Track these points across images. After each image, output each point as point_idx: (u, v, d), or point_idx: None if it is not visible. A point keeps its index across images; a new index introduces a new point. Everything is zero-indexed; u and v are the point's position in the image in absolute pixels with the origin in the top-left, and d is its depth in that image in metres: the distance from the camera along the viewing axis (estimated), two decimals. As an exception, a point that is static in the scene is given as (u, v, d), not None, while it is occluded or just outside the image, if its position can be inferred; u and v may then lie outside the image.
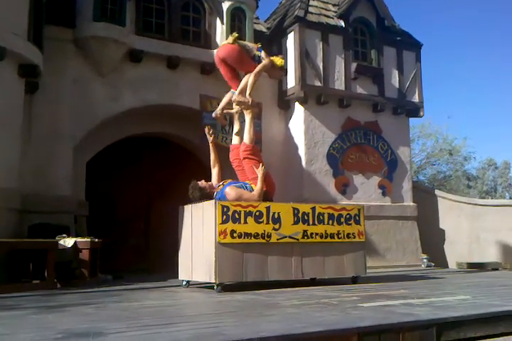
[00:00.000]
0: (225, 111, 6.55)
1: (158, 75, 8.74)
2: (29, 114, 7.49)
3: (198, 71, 9.06)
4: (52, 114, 7.74)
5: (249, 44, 6.62)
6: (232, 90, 6.52)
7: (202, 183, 5.84)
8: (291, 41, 9.66)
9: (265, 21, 10.92)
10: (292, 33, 9.64)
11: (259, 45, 6.54)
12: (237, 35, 6.41)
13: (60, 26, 7.96)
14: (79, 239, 6.47)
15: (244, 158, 6.05)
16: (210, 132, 6.31)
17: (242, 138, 6.22)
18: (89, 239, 6.51)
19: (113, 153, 9.13)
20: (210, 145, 6.31)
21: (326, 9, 10.13)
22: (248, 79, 6.24)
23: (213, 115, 6.58)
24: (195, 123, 8.84)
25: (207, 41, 9.14)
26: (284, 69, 6.81)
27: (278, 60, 6.49)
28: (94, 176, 8.76)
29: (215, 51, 6.78)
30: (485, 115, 39.43)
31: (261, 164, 5.92)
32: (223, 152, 6.58)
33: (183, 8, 9.05)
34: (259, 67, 6.26)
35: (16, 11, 6.85)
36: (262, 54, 6.35)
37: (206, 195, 5.76)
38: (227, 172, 6.45)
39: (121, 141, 9.08)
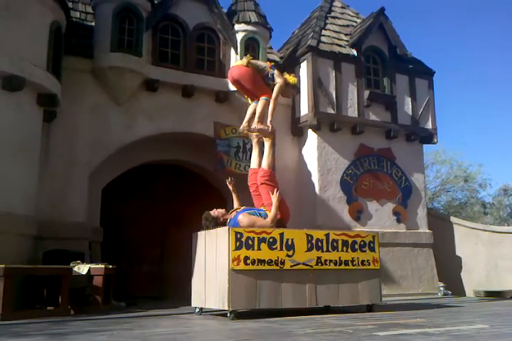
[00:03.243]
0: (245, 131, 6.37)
1: (173, 104, 8.90)
2: (47, 141, 7.66)
3: (213, 99, 9.22)
4: (69, 142, 7.90)
5: (263, 63, 6.58)
6: (254, 101, 6.41)
7: (214, 212, 5.82)
8: (304, 70, 9.80)
9: (278, 51, 11.12)
10: (305, 61, 9.78)
11: (273, 63, 6.56)
12: (251, 57, 6.38)
13: (78, 57, 8.22)
14: (93, 266, 6.49)
15: (262, 184, 6.03)
16: (232, 181, 6.36)
17: (260, 163, 6.19)
18: (103, 266, 6.53)
19: (128, 179, 9.23)
20: (233, 193, 6.34)
21: (338, 39, 10.29)
22: (264, 105, 6.17)
23: (240, 130, 6.44)
24: (210, 151, 8.93)
25: (221, 70, 9.30)
26: (296, 88, 6.72)
27: (291, 79, 6.44)
28: (109, 202, 8.84)
29: (229, 71, 6.74)
30: (501, 140, 39.09)
31: (276, 190, 5.89)
32: (237, 179, 6.60)
33: (198, 38, 9.28)
34: (275, 91, 6.16)
35: (36, 42, 7.09)
36: (276, 72, 6.28)
37: (220, 224, 5.75)
38: (246, 197, 6.44)
39: (136, 167, 9.19)
